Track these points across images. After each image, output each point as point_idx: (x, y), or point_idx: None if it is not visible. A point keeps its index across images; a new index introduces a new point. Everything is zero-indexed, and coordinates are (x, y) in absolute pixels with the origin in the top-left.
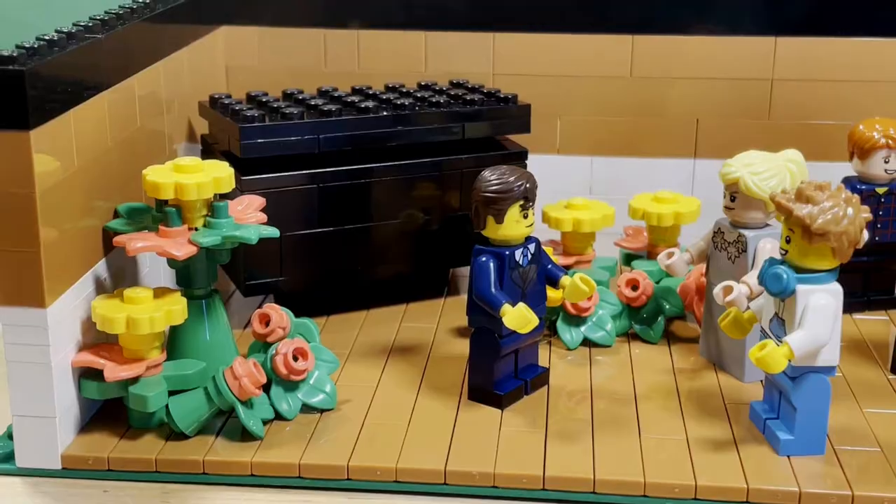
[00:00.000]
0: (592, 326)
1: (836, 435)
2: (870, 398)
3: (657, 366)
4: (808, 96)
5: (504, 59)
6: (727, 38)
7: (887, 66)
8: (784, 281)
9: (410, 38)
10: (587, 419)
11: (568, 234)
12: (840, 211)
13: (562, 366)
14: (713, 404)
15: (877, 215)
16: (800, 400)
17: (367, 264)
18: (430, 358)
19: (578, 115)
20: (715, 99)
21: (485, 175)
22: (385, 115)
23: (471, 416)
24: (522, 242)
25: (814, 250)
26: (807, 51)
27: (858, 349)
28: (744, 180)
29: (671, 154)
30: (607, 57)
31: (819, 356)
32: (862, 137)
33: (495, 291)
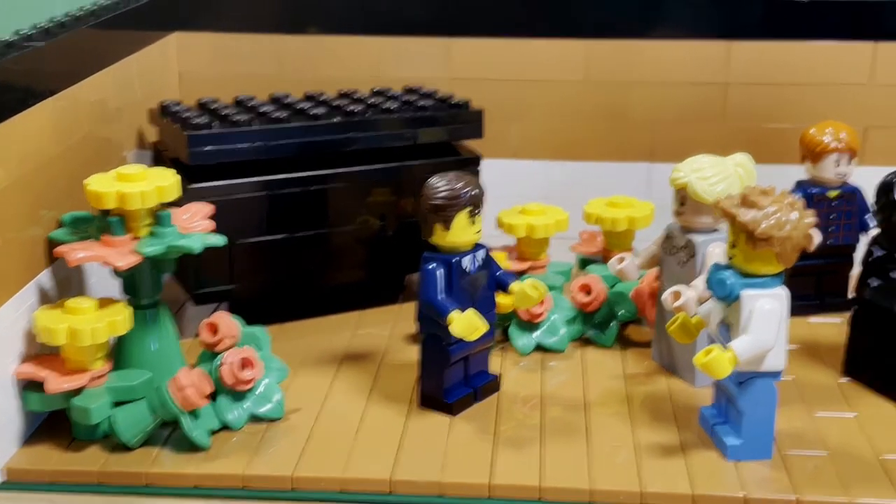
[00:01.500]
0: (545, 332)
1: (784, 439)
2: (820, 402)
3: (609, 371)
4: (763, 99)
5: (460, 64)
6: (682, 42)
7: (840, 68)
8: (729, 286)
9: (366, 43)
10: (537, 426)
11: (522, 240)
12: (784, 216)
13: (514, 372)
14: (663, 410)
15: (829, 219)
16: (746, 405)
17: (321, 271)
18: (382, 365)
19: (535, 120)
20: (670, 103)
21: (432, 182)
22: (335, 122)
23: (420, 423)
24: (471, 249)
25: (758, 255)
26: (760, 54)
27: (811, 352)
28: (692, 185)
29: (628, 158)
30: (563, 61)
31: (765, 361)
32: (813, 141)
33: (443, 298)
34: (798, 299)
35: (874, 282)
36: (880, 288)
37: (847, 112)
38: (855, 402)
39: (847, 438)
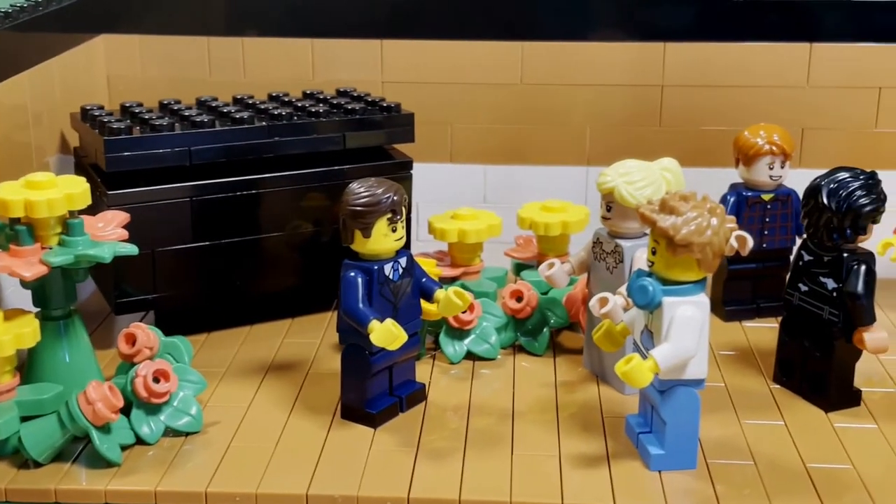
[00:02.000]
0: (476, 339)
1: (711, 448)
2: (750, 409)
3: (540, 379)
4: (699, 102)
5: (393, 66)
6: (618, 44)
7: (777, 70)
8: (650, 293)
9: (297, 45)
10: (462, 436)
11: (454, 245)
12: (704, 221)
13: (444, 380)
14: (591, 418)
15: (763, 222)
16: (669, 413)
17: (250, 279)
18: (309, 375)
19: (470, 123)
20: (607, 105)
21: (352, 188)
22: (260, 126)
23: (342, 436)
24: (393, 256)
25: (679, 262)
26: (696, 56)
27: (745, 358)
28: (618, 190)
29: (564, 162)
30: (497, 64)
31: (687, 369)
32: (746, 144)
33: (363, 307)
34: (734, 304)
35: (803, 286)
36: (809, 293)
37: (784, 114)
38: (784, 409)
39: (774, 447)
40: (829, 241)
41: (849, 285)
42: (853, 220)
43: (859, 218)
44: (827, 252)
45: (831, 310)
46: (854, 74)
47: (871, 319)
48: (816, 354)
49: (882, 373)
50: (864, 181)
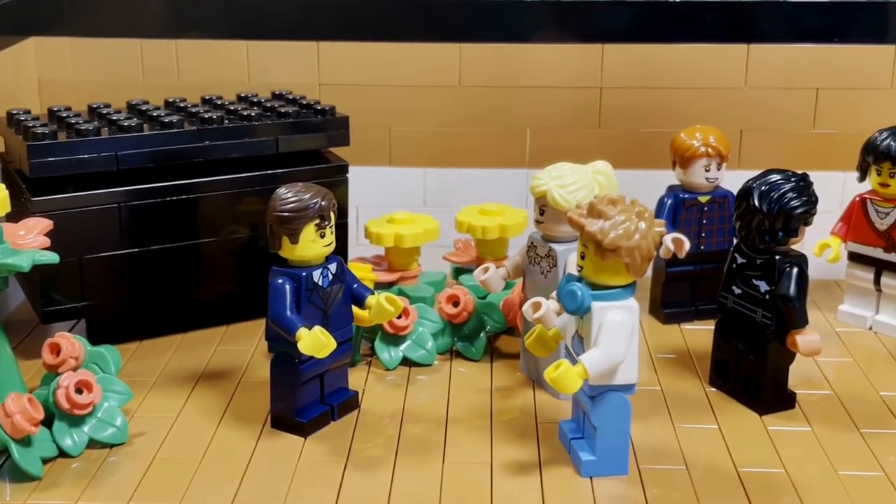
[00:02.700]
0: (412, 345)
1: (643, 453)
2: (684, 413)
3: (476, 385)
4: (638, 103)
5: (331, 69)
6: (555, 45)
7: (715, 71)
8: (578, 298)
9: (231, 47)
10: (393, 445)
11: (391, 250)
12: (632, 225)
13: (379, 387)
14: (526, 424)
15: (700, 224)
16: (599, 419)
17: (183, 285)
18: (241, 383)
19: (409, 126)
20: (546, 108)
21: (279, 193)
22: (190, 130)
23: (271, 446)
24: (322, 262)
25: (607, 266)
26: (634, 57)
27: (683, 361)
28: (551, 193)
29: (505, 164)
30: (436, 66)
31: (616, 374)
32: (682, 146)
33: (290, 315)
34: (673, 306)
35: (737, 289)
36: (743, 296)
37: (723, 115)
38: (719, 413)
39: (707, 451)
40: (761, 244)
41: (781, 288)
42: (785, 222)
43: (791, 220)
44: (759, 255)
45: (764, 312)
46: (792, 75)
47: (803, 322)
48: (750, 357)
49: (818, 375)
50: (795, 183)
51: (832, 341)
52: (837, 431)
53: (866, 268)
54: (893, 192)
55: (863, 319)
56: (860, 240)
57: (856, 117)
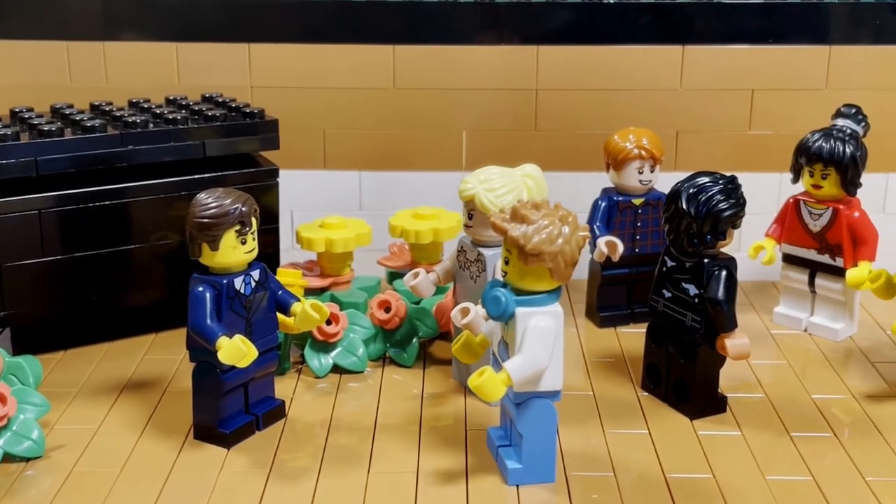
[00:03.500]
0: (343, 352)
1: (572, 460)
2: (616, 418)
3: (407, 392)
4: (574, 106)
5: (263, 71)
6: (490, 47)
7: (650, 73)
8: (502, 304)
9: (160, 49)
10: (318, 455)
11: (323, 255)
12: (555, 230)
13: (308, 396)
14: (455, 432)
15: (635, 227)
16: (525, 426)
17: (110, 293)
18: (167, 393)
19: (344, 129)
20: (482, 110)
21: (199, 198)
22: (112, 134)
23: (193, 457)
24: (244, 269)
25: (531, 271)
26: (569, 59)
27: (616, 365)
28: (479, 197)
29: (441, 167)
30: (369, 68)
31: (541, 381)
32: (615, 148)
33: (210, 323)
34: (608, 309)
35: (667, 293)
36: (673, 299)
37: (659, 117)
38: (650, 418)
39: (636, 457)
40: (689, 247)
41: (709, 291)
42: (713, 224)
43: (719, 223)
44: (688, 258)
45: (694, 316)
46: (727, 77)
47: (732, 325)
48: (681, 361)
49: (752, 378)
50: (723, 186)
51: (767, 344)
52: (768, 435)
53: (800, 269)
54: (826, 194)
55: (798, 321)
56: (794, 241)
57: (791, 118)
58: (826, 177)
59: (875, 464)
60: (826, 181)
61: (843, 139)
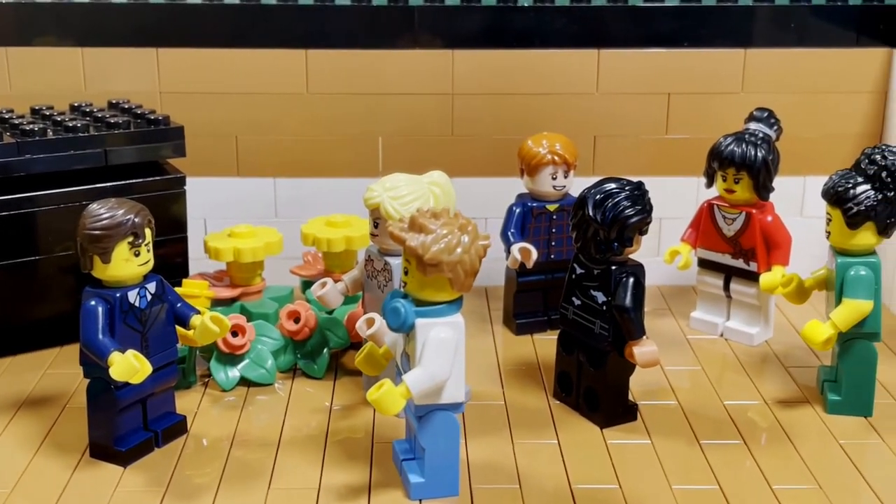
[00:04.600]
0: (250, 364)
1: (478, 472)
2: (525, 428)
3: (316, 404)
4: (490, 110)
5: (172, 76)
6: (404, 51)
7: (566, 77)
8: (402, 315)
9: (66, 55)
10: (218, 472)
11: (232, 265)
12: (454, 239)
13: (214, 410)
14: (361, 445)
15: (550, 233)
16: (427, 439)
17: (12, 306)
18: (66, 410)
19: (257, 135)
20: (397, 115)
21: (91, 209)
22: (8, 143)
23: (87, 476)
24: (139, 282)
25: (431, 282)
26: (485, 64)
27: (530, 373)
28: (384, 205)
29: (358, 174)
30: (282, 73)
31: (443, 393)
32: (528, 154)
33: (102, 338)
34: (525, 316)
35: (577, 300)
36: (582, 307)
37: (576, 121)
38: (560, 427)
39: (544, 468)
40: (597, 254)
41: (617, 298)
42: (619, 231)
43: (625, 229)
44: (596, 265)
45: (602, 324)
46: (643, 80)
47: (640, 333)
48: (591, 369)
49: (665, 384)
50: (629, 192)
51: (683, 349)
52: (678, 444)
53: (716, 274)
54: (739, 198)
55: (714, 326)
56: (709, 246)
57: (708, 122)
58: (739, 181)
59: (783, 472)
60: (739, 185)
61: (755, 143)
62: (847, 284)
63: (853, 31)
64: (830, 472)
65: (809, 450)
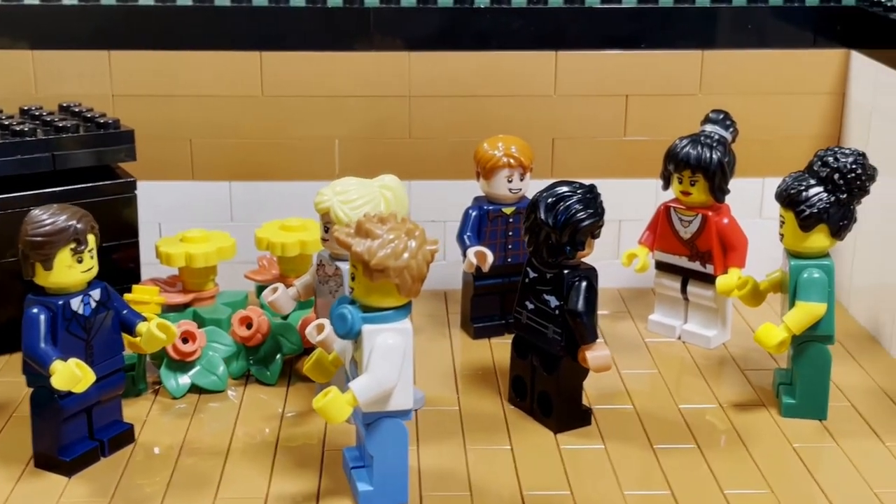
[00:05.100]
0: (202, 371)
1: (429, 479)
2: (479, 433)
3: (269, 411)
4: (448, 113)
5: (125, 79)
6: (361, 53)
7: (524, 79)
8: (349, 321)
9: (15, 57)
10: (164, 482)
11: (184, 270)
12: (400, 244)
13: (165, 418)
14: (312, 453)
15: (507, 236)
16: (375, 447)
17: None
18: (12, 419)
19: (212, 138)
20: (354, 117)
21: (33, 215)
22: None
23: (30, 488)
24: (83, 289)
25: (377, 287)
26: (442, 66)
27: (486, 378)
28: (334, 210)
29: (314, 177)
30: (237, 75)
31: (391, 400)
32: (484, 157)
33: (45, 347)
34: (482, 320)
35: (530, 304)
36: (536, 311)
37: (535, 124)
38: (514, 432)
39: (495, 474)
40: (549, 258)
41: (569, 303)
42: (571, 235)
43: (577, 233)
44: (549, 269)
45: (555, 328)
46: (601, 82)
47: (592, 337)
48: (544, 374)
49: (621, 388)
50: (581, 195)
51: (640, 352)
52: (631, 448)
53: (673, 277)
54: (695, 201)
55: (671, 329)
56: (666, 248)
57: (666, 124)
58: (695, 183)
59: (736, 476)
60: (695, 188)
61: (711, 145)
62: (800, 287)
63: (810, 33)
64: (783, 477)
65: (763, 454)
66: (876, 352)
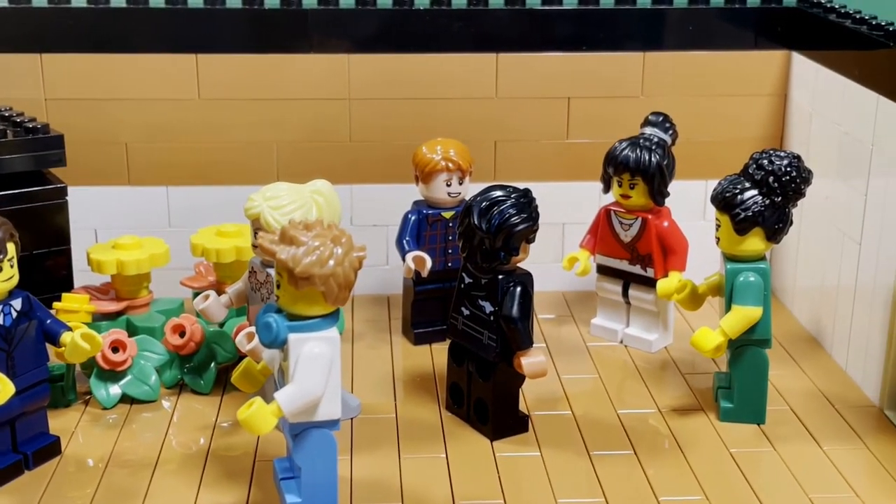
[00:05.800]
0: (133, 381)
1: (360, 490)
2: (414, 441)
3: (202, 421)
4: (389, 116)
5: (58, 83)
6: (299, 55)
7: (465, 81)
8: (274, 330)
9: None
10: (90, 495)
11: (116, 277)
12: (326, 251)
13: (95, 429)
14: (243, 464)
15: (446, 240)
16: (303, 458)
17: None
18: None
19: (147, 142)
20: (293, 121)
21: None
22: None
23: None
24: (3, 299)
25: (303, 295)
26: (381, 68)
27: (424, 384)
28: (264, 215)
29: (253, 181)
30: (172, 78)
31: (318, 410)
32: (422, 160)
33: None
34: (423, 326)
35: (466, 310)
36: (471, 317)
37: (476, 126)
38: (450, 440)
39: (428, 483)
40: (484, 263)
41: (504, 308)
42: (505, 239)
43: (511, 237)
44: (484, 274)
45: (490, 334)
46: (542, 85)
47: (527, 343)
48: (480, 381)
49: (560, 393)
50: (515, 199)
51: (583, 357)
52: (567, 455)
53: (614, 280)
54: (635, 204)
55: (614, 333)
56: (607, 252)
57: (608, 126)
58: (634, 186)
59: (671, 482)
60: (634, 191)
61: (650, 148)
62: (736, 291)
63: (752, 34)
64: (718, 482)
65: (699, 459)
66: (817, 354)
